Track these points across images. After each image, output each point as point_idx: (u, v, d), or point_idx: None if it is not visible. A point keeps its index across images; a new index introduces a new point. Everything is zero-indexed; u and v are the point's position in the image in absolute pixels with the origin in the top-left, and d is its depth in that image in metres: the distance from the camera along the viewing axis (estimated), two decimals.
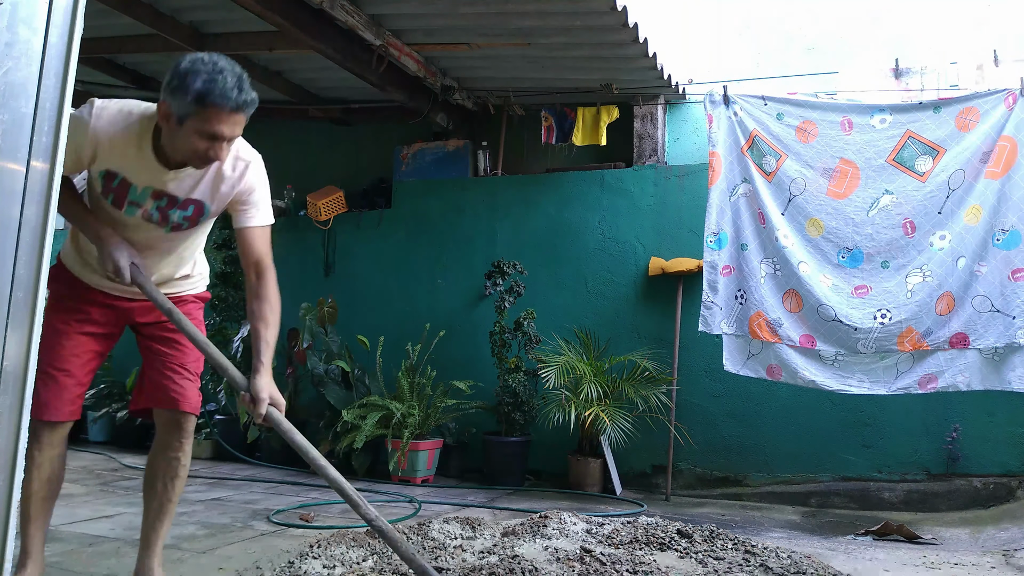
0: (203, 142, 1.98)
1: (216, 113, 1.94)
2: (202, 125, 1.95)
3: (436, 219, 5.70)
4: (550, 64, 4.88)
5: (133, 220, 2.16)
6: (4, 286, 1.32)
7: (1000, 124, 3.79)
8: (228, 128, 1.98)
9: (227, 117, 1.95)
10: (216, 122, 1.95)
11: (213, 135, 1.97)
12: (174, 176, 2.11)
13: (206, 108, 1.92)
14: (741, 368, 4.23)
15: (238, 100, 1.95)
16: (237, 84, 1.95)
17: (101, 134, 2.05)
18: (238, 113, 1.97)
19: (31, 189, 1.35)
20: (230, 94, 1.93)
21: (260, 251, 2.22)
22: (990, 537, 3.58)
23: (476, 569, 2.47)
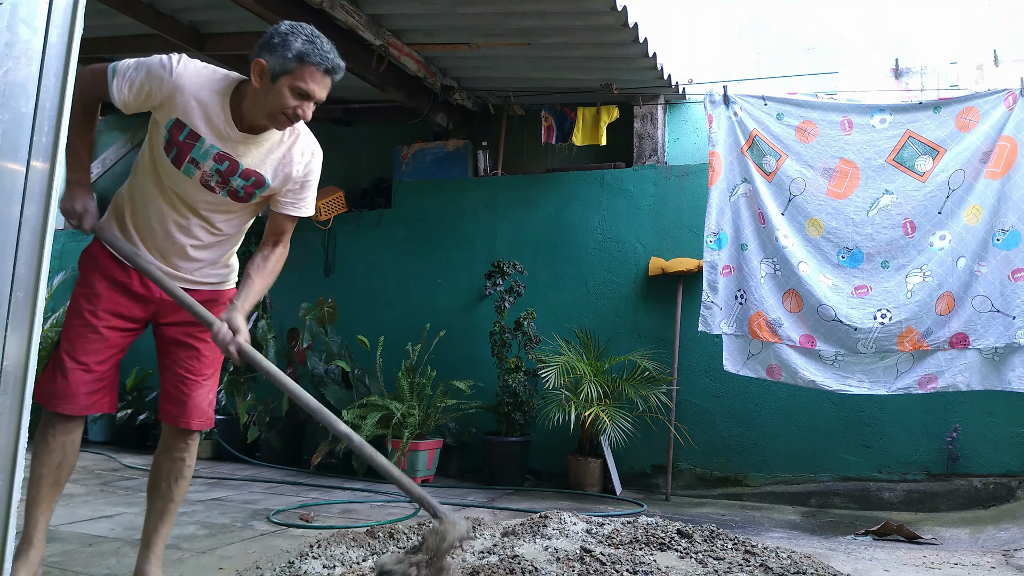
0: (294, 99, 2.08)
1: (312, 72, 2.06)
2: (296, 82, 2.05)
3: (436, 219, 5.70)
4: (550, 64, 4.88)
5: (188, 181, 2.16)
6: (4, 286, 1.32)
7: (1000, 124, 3.79)
8: (319, 88, 2.10)
9: (321, 78, 2.08)
10: (311, 80, 2.07)
11: (305, 93, 2.08)
12: (244, 140, 2.16)
13: (304, 66, 2.05)
14: (741, 368, 4.23)
15: (334, 62, 2.10)
16: (332, 49, 2.11)
17: (185, 82, 2.09)
18: (330, 76, 2.11)
19: (31, 189, 1.36)
20: (328, 56, 2.08)
21: (286, 230, 2.32)
22: (990, 537, 3.58)
23: (476, 569, 2.47)
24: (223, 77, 2.15)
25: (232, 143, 2.15)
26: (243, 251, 2.47)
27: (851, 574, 2.76)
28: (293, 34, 2.06)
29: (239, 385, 5.36)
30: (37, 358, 1.37)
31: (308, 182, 2.32)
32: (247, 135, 2.15)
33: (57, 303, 6.71)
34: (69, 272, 7.03)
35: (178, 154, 2.13)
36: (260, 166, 2.20)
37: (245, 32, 4.79)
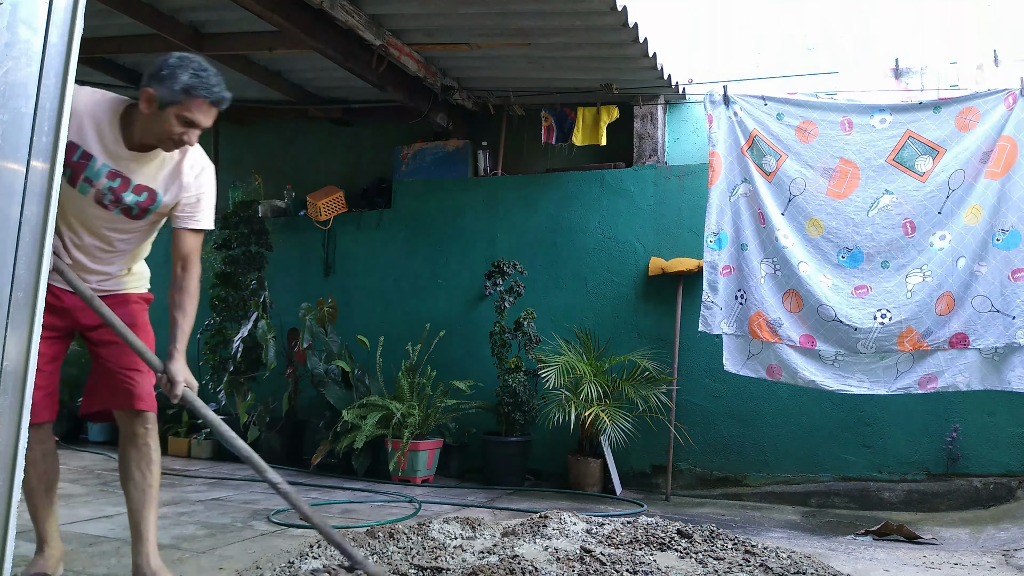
0: (180, 127, 2.24)
1: (199, 104, 2.24)
2: (183, 112, 2.22)
3: (436, 219, 5.70)
4: (550, 64, 4.88)
5: (84, 199, 2.29)
6: (4, 286, 1.32)
7: (1000, 124, 3.79)
8: (204, 118, 2.28)
9: (207, 108, 2.27)
10: (196, 111, 2.24)
11: (191, 122, 2.25)
12: (134, 158, 2.30)
13: (191, 98, 2.22)
14: (741, 368, 4.23)
15: (219, 95, 2.28)
16: (219, 81, 2.29)
17: (78, 106, 2.20)
18: (216, 107, 2.30)
19: (31, 189, 1.36)
20: (213, 89, 2.26)
21: (192, 249, 2.47)
22: (990, 537, 3.58)
23: (476, 569, 2.47)
24: (111, 99, 2.31)
25: (124, 161, 2.29)
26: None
27: (851, 574, 2.76)
28: (181, 67, 2.22)
29: (239, 385, 5.37)
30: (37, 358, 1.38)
31: (202, 194, 2.45)
32: (137, 153, 2.30)
33: None
34: None
35: (72, 174, 2.25)
36: (152, 181, 2.35)
37: (245, 32, 4.80)
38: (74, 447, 5.82)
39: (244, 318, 5.48)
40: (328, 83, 5.70)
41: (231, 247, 5.63)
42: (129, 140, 2.28)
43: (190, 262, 2.46)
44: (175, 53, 2.26)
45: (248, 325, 5.39)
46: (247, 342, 5.35)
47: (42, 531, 2.38)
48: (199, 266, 2.47)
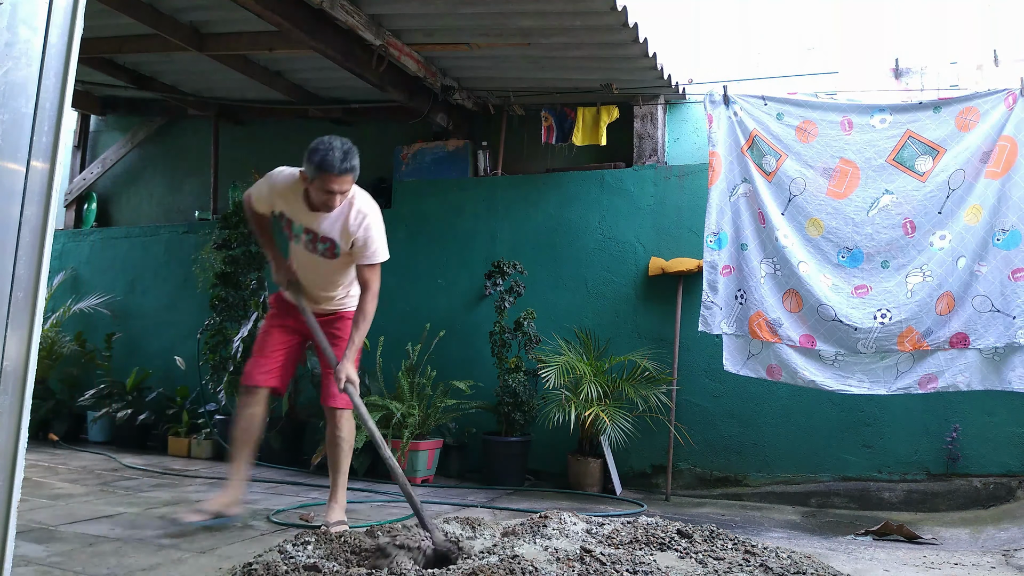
0: (323, 195, 3.00)
1: (329, 176, 2.95)
2: (322, 184, 2.97)
3: (436, 219, 5.70)
4: (550, 64, 4.88)
5: (299, 247, 3.24)
6: (4, 286, 1.32)
7: (1000, 124, 3.79)
8: (337, 185, 2.99)
9: (336, 178, 2.96)
10: (330, 182, 2.97)
11: (329, 191, 2.99)
12: (315, 217, 3.12)
13: (322, 173, 2.95)
14: (741, 368, 4.23)
15: (341, 167, 2.96)
16: (343, 156, 2.96)
17: (276, 186, 3.20)
18: (343, 176, 2.98)
19: (31, 189, 1.35)
20: (337, 164, 2.94)
21: (366, 278, 3.18)
22: (990, 537, 3.58)
23: (476, 569, 2.47)
24: (297, 177, 3.10)
25: (309, 219, 3.13)
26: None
27: (851, 574, 2.76)
28: (316, 150, 2.95)
29: (239, 385, 5.36)
30: (37, 358, 1.37)
31: (368, 238, 3.13)
32: (315, 213, 3.10)
33: (57, 303, 6.72)
34: (69, 272, 7.04)
35: (289, 232, 3.25)
36: (330, 232, 3.13)
37: (245, 32, 4.80)
38: (74, 447, 5.82)
39: (244, 318, 5.48)
40: (328, 83, 5.70)
41: (231, 247, 5.63)
42: (309, 204, 3.08)
43: (367, 288, 3.16)
44: (318, 138, 2.98)
45: (248, 325, 5.38)
46: (247, 342, 5.35)
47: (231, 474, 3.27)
48: (374, 291, 3.17)
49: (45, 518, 3.31)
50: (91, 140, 7.64)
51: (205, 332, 5.64)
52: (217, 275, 5.62)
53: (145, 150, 7.32)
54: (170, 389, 6.13)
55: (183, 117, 6.99)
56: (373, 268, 3.17)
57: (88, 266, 7.02)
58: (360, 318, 3.14)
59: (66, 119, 1.41)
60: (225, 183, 6.65)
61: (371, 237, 3.13)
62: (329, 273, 3.26)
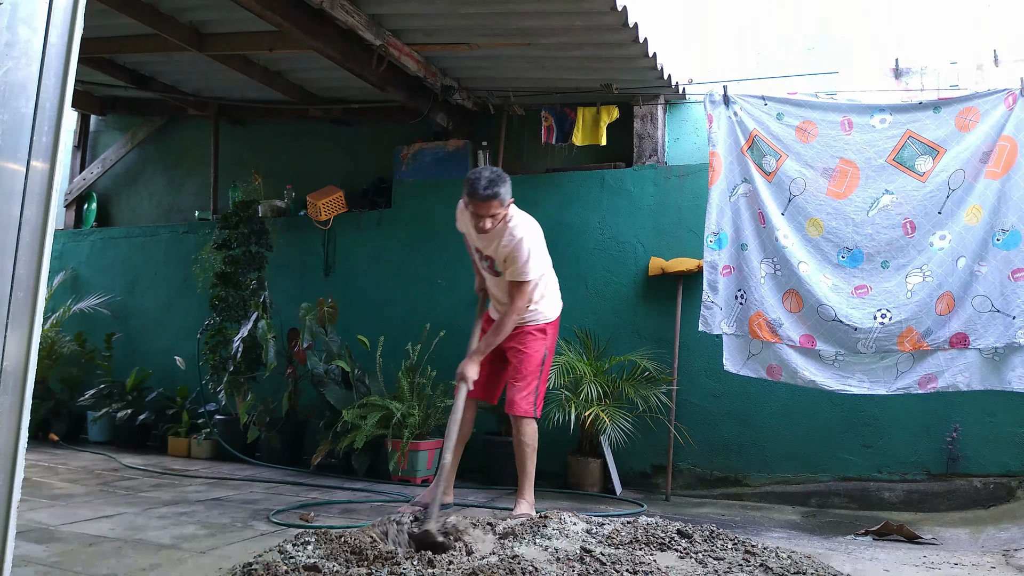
0: (474, 219, 3.46)
1: (473, 201, 3.41)
2: (471, 209, 3.46)
3: (436, 219, 5.70)
4: (550, 64, 4.88)
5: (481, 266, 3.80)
6: (4, 286, 1.32)
7: (1000, 124, 3.79)
8: (481, 209, 3.40)
9: (479, 204, 3.40)
10: (473, 207, 3.44)
11: (476, 214, 3.44)
12: (484, 239, 3.58)
13: (469, 199, 3.44)
14: (741, 368, 4.23)
15: (483, 194, 3.37)
16: (486, 184, 3.36)
17: (461, 213, 3.69)
18: (485, 202, 3.38)
19: (31, 189, 1.35)
20: (480, 190, 3.37)
21: (512, 293, 3.59)
22: (990, 537, 3.58)
23: (476, 569, 2.47)
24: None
25: (480, 241, 3.62)
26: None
27: (851, 574, 2.76)
28: (467, 178, 3.44)
29: (239, 385, 5.37)
30: (37, 358, 1.37)
31: (514, 257, 3.51)
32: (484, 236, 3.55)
33: (57, 303, 6.72)
34: (69, 272, 7.05)
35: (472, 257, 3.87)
36: (492, 252, 3.61)
37: (245, 32, 4.80)
38: (74, 447, 5.82)
39: (244, 318, 5.48)
40: (328, 83, 5.70)
41: (231, 247, 5.63)
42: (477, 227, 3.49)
43: (511, 304, 3.58)
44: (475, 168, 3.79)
45: (248, 325, 5.39)
46: (247, 342, 5.35)
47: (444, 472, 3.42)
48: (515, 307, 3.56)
49: (45, 518, 3.31)
50: (91, 140, 7.65)
51: (205, 332, 5.64)
52: (217, 275, 5.62)
53: (145, 150, 7.33)
54: (170, 389, 6.13)
55: (183, 117, 6.99)
56: (517, 286, 3.54)
57: (88, 266, 7.03)
58: (497, 326, 3.59)
59: (66, 119, 1.41)
60: (225, 183, 6.65)
61: (516, 257, 3.49)
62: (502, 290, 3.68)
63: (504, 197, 3.41)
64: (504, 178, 3.42)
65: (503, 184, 3.40)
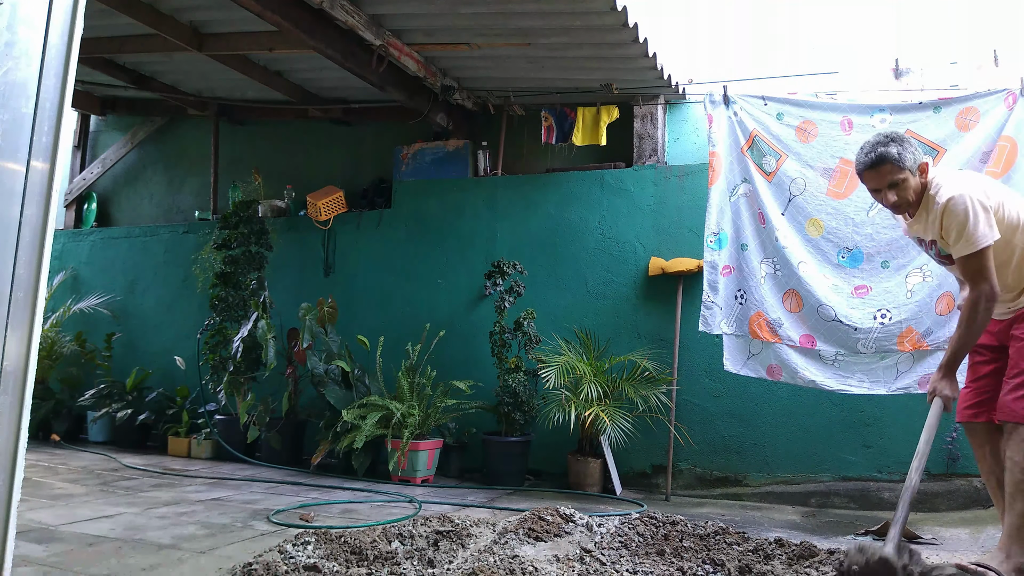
0: (876, 198, 2.86)
1: (863, 176, 2.84)
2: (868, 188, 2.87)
3: (436, 219, 5.70)
4: (550, 64, 4.88)
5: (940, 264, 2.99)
6: (4, 286, 1.32)
7: (1000, 124, 3.79)
8: (873, 182, 2.80)
9: (868, 174, 2.80)
10: (865, 180, 2.85)
11: (872, 190, 2.84)
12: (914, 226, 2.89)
13: (861, 178, 2.87)
14: (741, 368, 4.23)
15: (863, 161, 2.79)
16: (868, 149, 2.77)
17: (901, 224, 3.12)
18: (871, 170, 2.77)
19: (31, 189, 1.35)
20: (860, 159, 2.82)
21: (963, 274, 2.73)
22: (990, 537, 3.57)
23: (476, 569, 2.47)
24: None
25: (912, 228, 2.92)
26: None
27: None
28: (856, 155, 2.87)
29: (239, 385, 5.37)
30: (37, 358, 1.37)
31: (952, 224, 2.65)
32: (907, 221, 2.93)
33: (57, 303, 6.72)
34: (69, 272, 7.05)
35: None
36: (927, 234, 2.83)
37: (245, 32, 4.80)
38: (74, 447, 5.82)
39: (244, 318, 5.49)
40: (328, 83, 5.70)
41: (231, 247, 5.63)
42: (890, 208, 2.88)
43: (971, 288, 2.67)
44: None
45: (248, 325, 5.39)
46: (247, 342, 5.35)
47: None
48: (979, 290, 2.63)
49: (45, 518, 3.31)
50: (91, 140, 7.65)
51: (205, 332, 5.64)
52: (217, 275, 5.62)
53: (145, 150, 7.33)
54: (170, 389, 6.14)
55: (183, 117, 6.99)
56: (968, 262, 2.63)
57: (88, 266, 7.02)
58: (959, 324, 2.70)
59: (66, 119, 1.41)
60: (225, 183, 6.65)
61: (953, 223, 2.63)
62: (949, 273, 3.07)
63: (904, 158, 2.67)
64: (900, 139, 2.73)
65: (896, 144, 2.69)
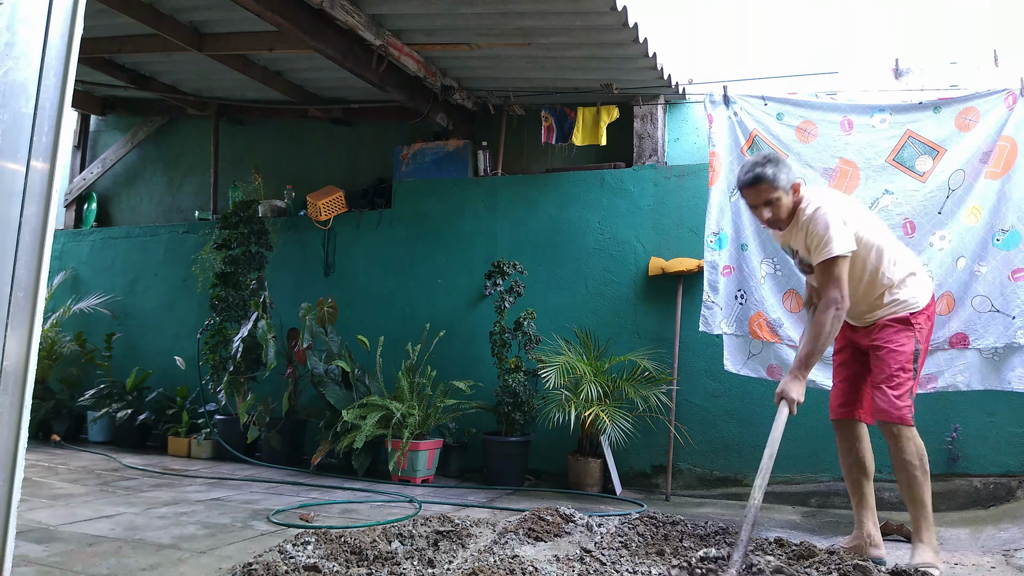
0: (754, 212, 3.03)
1: (742, 193, 3.02)
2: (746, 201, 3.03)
3: (436, 219, 5.70)
4: (550, 64, 4.88)
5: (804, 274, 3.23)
6: (4, 286, 1.32)
7: (1000, 124, 3.79)
8: (748, 198, 2.99)
9: (745, 192, 2.98)
10: (745, 198, 3.03)
11: (751, 206, 3.02)
12: (787, 237, 3.08)
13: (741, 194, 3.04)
14: (741, 368, 4.23)
15: (742, 179, 2.97)
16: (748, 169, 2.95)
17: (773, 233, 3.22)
18: (750, 188, 2.94)
19: (31, 189, 1.36)
20: (740, 177, 2.99)
21: (818, 281, 2.95)
22: (990, 537, 3.57)
23: (476, 569, 2.47)
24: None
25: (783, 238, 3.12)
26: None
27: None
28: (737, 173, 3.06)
29: (239, 385, 5.37)
30: (37, 358, 1.37)
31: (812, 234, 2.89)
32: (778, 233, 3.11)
33: (57, 303, 6.72)
34: (69, 272, 7.05)
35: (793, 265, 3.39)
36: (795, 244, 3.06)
37: (245, 32, 4.80)
38: (74, 447, 5.82)
39: (244, 318, 5.49)
40: (328, 83, 5.70)
41: (231, 247, 5.63)
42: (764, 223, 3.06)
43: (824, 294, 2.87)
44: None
45: (248, 325, 5.39)
46: (247, 342, 5.36)
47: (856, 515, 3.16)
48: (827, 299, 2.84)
49: (45, 518, 3.31)
50: (91, 140, 7.65)
51: (205, 332, 5.64)
52: (217, 275, 5.62)
53: (145, 150, 7.33)
54: (170, 389, 6.14)
55: (183, 117, 6.99)
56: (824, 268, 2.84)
57: (88, 266, 7.03)
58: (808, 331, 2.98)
59: (66, 119, 1.41)
60: (225, 183, 6.65)
61: (813, 231, 2.86)
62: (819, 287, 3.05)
63: (777, 178, 2.86)
64: (776, 160, 2.93)
65: (772, 165, 2.89)
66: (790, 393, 2.88)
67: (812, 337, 2.86)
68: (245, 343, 5.35)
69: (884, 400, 2.91)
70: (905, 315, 2.96)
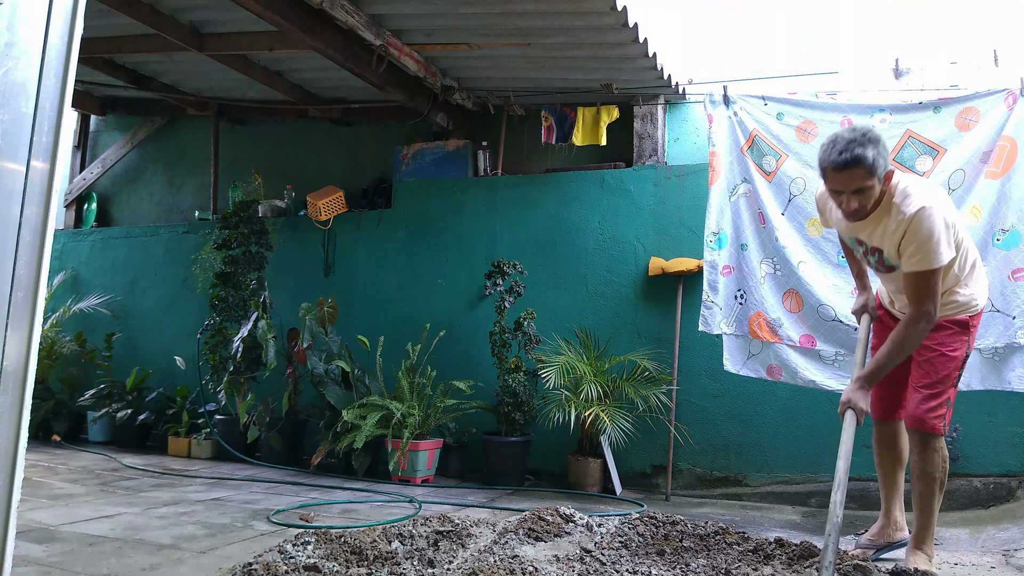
0: (835, 198, 2.59)
1: (829, 174, 2.53)
2: (828, 186, 2.59)
3: (436, 219, 5.70)
4: (550, 64, 4.88)
5: (864, 261, 2.89)
6: (4, 286, 1.32)
7: (1000, 124, 3.79)
8: (841, 182, 2.51)
9: (835, 174, 2.51)
10: (832, 181, 2.55)
11: (833, 191, 2.57)
12: (858, 228, 2.71)
13: (824, 172, 2.55)
14: (741, 368, 4.23)
15: (836, 161, 2.47)
16: (843, 147, 2.46)
17: (819, 202, 2.94)
18: (841, 171, 2.48)
19: (31, 189, 1.35)
20: (832, 158, 2.49)
21: (908, 290, 2.63)
22: (990, 537, 3.57)
23: (476, 569, 2.47)
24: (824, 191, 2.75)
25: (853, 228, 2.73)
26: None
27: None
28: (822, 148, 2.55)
29: (239, 385, 5.37)
30: (37, 358, 1.37)
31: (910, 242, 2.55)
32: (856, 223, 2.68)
33: (57, 303, 6.72)
34: (69, 272, 7.05)
35: (844, 249, 3.06)
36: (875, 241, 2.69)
37: (245, 32, 4.80)
38: (74, 447, 5.82)
39: (244, 318, 5.49)
40: (328, 83, 5.70)
41: (231, 247, 5.63)
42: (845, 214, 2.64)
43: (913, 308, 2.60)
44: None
45: (248, 325, 5.39)
46: (247, 342, 5.35)
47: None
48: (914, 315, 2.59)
49: (45, 518, 3.31)
50: (91, 140, 7.65)
51: (205, 332, 5.64)
52: (217, 275, 5.62)
53: (145, 150, 7.33)
54: (170, 389, 6.14)
55: (183, 117, 6.99)
56: (920, 279, 2.54)
57: (88, 266, 7.03)
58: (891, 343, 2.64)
59: (66, 119, 1.41)
60: (225, 183, 6.65)
61: (912, 240, 2.52)
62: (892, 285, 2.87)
63: (876, 165, 2.46)
64: (876, 139, 2.48)
65: (872, 146, 2.45)
66: (859, 404, 2.69)
67: (891, 351, 2.63)
68: (245, 343, 5.35)
69: (922, 407, 2.77)
70: (964, 318, 2.75)
